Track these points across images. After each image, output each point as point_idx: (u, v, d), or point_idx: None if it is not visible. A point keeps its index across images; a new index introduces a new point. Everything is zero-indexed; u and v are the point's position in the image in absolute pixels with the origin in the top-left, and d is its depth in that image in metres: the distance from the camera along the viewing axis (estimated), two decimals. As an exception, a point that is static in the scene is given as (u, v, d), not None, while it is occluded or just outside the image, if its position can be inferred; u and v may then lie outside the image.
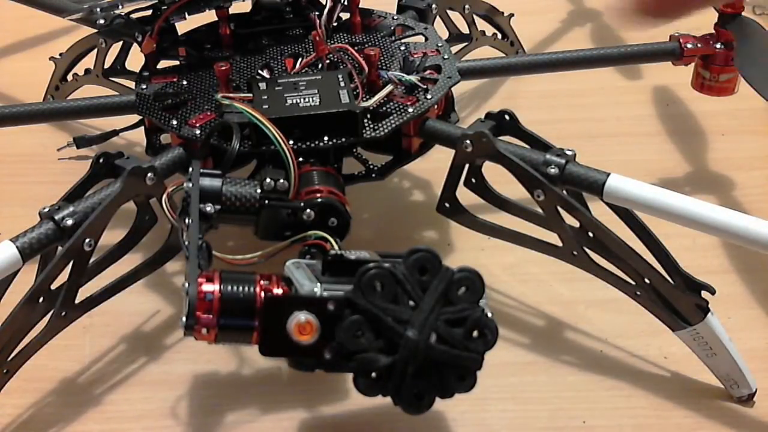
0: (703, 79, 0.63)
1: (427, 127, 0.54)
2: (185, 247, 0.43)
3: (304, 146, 0.50)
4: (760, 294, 0.58)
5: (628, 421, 0.51)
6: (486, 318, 0.38)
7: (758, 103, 0.57)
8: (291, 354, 0.39)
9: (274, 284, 0.40)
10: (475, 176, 0.51)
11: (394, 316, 0.37)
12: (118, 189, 0.47)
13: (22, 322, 0.46)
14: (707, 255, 0.60)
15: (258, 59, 0.58)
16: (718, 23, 0.62)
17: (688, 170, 0.68)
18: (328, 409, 0.51)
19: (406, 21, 0.63)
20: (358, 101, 0.52)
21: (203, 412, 0.51)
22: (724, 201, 0.65)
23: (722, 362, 0.50)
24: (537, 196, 0.49)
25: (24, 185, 0.67)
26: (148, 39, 0.59)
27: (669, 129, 0.72)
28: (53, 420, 0.51)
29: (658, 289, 0.49)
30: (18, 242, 0.45)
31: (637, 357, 0.54)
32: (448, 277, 0.38)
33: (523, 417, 0.51)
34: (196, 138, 0.52)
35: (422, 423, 0.49)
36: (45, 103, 0.66)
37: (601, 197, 0.48)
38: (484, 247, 0.59)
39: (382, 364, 0.37)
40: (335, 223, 0.47)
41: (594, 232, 0.49)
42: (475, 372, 0.38)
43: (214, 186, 0.46)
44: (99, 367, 0.54)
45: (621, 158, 0.68)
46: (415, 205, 0.65)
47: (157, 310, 0.57)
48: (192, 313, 0.38)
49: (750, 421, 0.50)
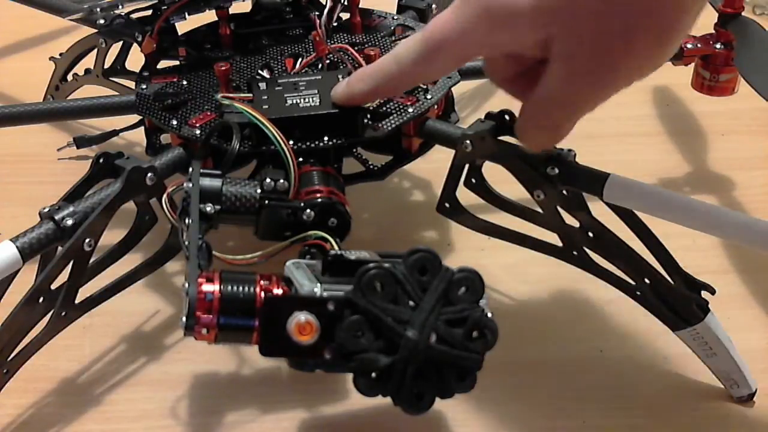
0: (703, 79, 0.63)
1: (427, 127, 0.54)
2: (185, 247, 0.43)
3: (304, 146, 0.50)
4: (760, 294, 0.58)
5: (627, 421, 0.51)
6: (486, 318, 0.38)
7: (758, 103, 0.57)
8: (291, 354, 0.39)
9: (274, 284, 0.40)
10: (475, 176, 0.51)
11: (394, 317, 0.37)
12: (118, 189, 0.47)
13: (22, 322, 0.46)
14: (707, 255, 0.60)
15: (258, 59, 0.58)
16: (718, 23, 0.62)
17: (688, 170, 0.68)
18: (328, 409, 0.51)
19: (406, 21, 0.63)
20: (358, 101, 0.52)
21: (203, 412, 0.51)
22: (724, 201, 0.65)
23: (722, 362, 0.50)
24: (537, 196, 0.49)
25: (24, 185, 0.67)
26: (148, 39, 0.59)
27: (669, 129, 0.72)
28: (53, 420, 0.51)
29: (658, 289, 0.49)
30: (18, 242, 0.45)
31: (637, 357, 0.54)
32: (448, 277, 0.38)
33: (523, 417, 0.51)
34: (196, 138, 0.52)
35: (422, 423, 0.49)
36: (45, 103, 0.66)
37: (601, 197, 0.48)
38: (484, 247, 0.59)
39: (382, 364, 0.37)
40: (335, 223, 0.47)
41: (594, 232, 0.49)
42: (475, 372, 0.38)
43: (214, 186, 0.46)
44: (99, 367, 0.54)
45: (621, 158, 0.68)
46: (415, 205, 0.65)
47: (157, 310, 0.57)
48: (192, 313, 0.38)
49: (750, 421, 0.50)
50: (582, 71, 0.40)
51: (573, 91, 0.40)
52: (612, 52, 0.38)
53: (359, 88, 0.48)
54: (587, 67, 0.39)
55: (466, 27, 0.41)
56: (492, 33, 0.40)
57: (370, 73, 0.47)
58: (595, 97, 0.41)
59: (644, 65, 0.40)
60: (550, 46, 0.39)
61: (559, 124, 0.42)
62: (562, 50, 0.39)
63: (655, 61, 0.40)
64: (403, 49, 0.44)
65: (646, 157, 0.69)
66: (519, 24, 0.39)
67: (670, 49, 0.39)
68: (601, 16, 0.37)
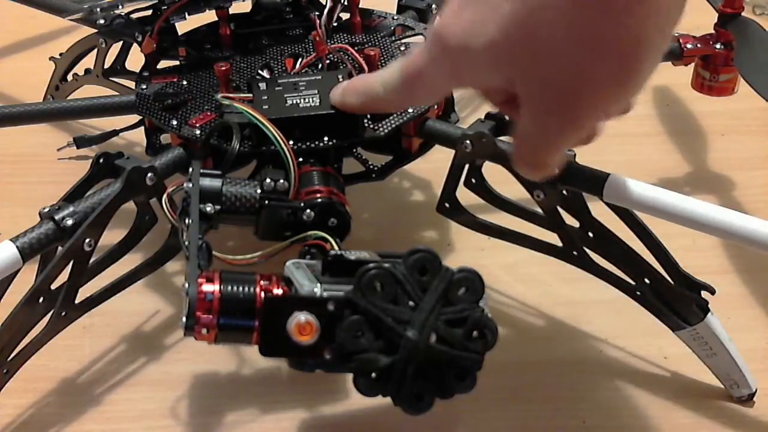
0: (703, 79, 0.63)
1: (427, 128, 0.54)
2: (185, 247, 0.43)
3: (304, 146, 0.50)
4: (760, 294, 0.58)
5: (628, 421, 0.51)
6: (486, 318, 0.38)
7: (758, 103, 0.57)
8: (291, 354, 0.39)
9: (274, 284, 0.40)
10: (475, 176, 0.51)
11: (394, 317, 0.37)
12: (118, 189, 0.47)
13: (22, 322, 0.46)
14: (707, 255, 0.60)
15: (258, 59, 0.58)
16: (718, 23, 0.62)
17: (688, 170, 0.68)
18: (328, 409, 0.51)
19: (406, 21, 0.63)
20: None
21: (203, 412, 0.51)
22: (724, 201, 0.65)
23: (722, 362, 0.50)
24: (537, 196, 0.49)
25: (24, 185, 0.67)
26: (148, 39, 0.59)
27: (669, 129, 0.72)
28: (53, 420, 0.51)
29: (658, 289, 0.49)
30: (18, 242, 0.45)
31: (637, 357, 0.54)
32: (448, 277, 0.38)
33: (523, 417, 0.51)
34: (196, 138, 0.52)
35: (422, 423, 0.49)
36: (45, 103, 0.66)
37: (601, 197, 0.48)
38: (484, 247, 0.59)
39: (382, 365, 0.37)
40: (335, 223, 0.47)
41: (594, 232, 0.49)
42: (475, 372, 0.38)
43: (214, 186, 0.46)
44: (99, 367, 0.54)
45: (621, 158, 0.67)
46: (415, 205, 0.65)
47: (157, 310, 0.57)
48: (192, 313, 0.38)
49: (750, 421, 0.50)
50: (547, 112, 0.39)
51: (542, 130, 0.40)
52: (573, 94, 0.37)
53: (351, 100, 0.48)
54: (551, 108, 0.38)
55: (435, 64, 0.41)
56: (456, 72, 0.40)
57: (362, 88, 0.47)
58: (567, 135, 0.40)
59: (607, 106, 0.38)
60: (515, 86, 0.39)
61: (541, 161, 0.42)
62: (525, 93, 0.39)
63: (619, 99, 0.38)
64: (387, 75, 0.44)
65: (646, 157, 0.69)
66: (477, 65, 0.39)
67: (632, 89, 0.38)
68: (559, 58, 0.36)
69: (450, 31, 0.39)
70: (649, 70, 0.37)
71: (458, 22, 0.38)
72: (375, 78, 0.45)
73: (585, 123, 0.39)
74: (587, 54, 0.36)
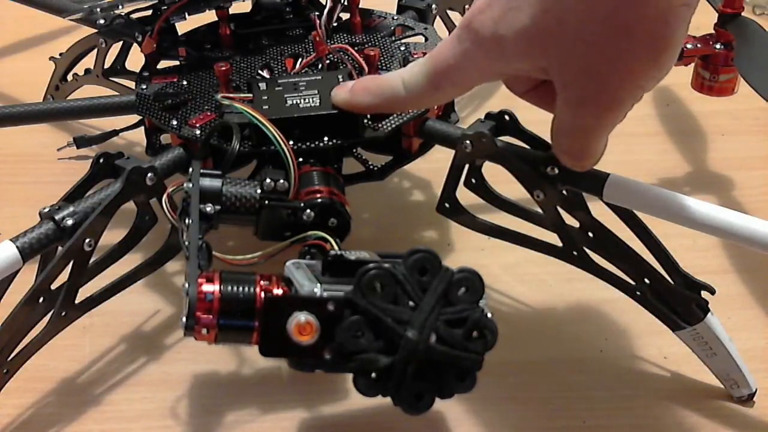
0: (703, 79, 0.63)
1: (427, 128, 0.54)
2: (185, 247, 0.43)
3: (304, 146, 0.50)
4: (760, 294, 0.58)
5: (628, 421, 0.51)
6: (486, 318, 0.38)
7: (758, 103, 0.57)
8: (291, 354, 0.39)
9: (274, 284, 0.40)
10: (475, 176, 0.51)
11: (394, 317, 0.37)
12: (118, 189, 0.47)
13: (22, 322, 0.46)
14: (707, 255, 0.60)
15: (258, 59, 0.58)
16: (717, 23, 0.62)
17: (688, 170, 0.68)
18: (328, 409, 0.51)
19: (406, 21, 0.63)
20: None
21: (203, 412, 0.51)
22: (724, 201, 0.65)
23: (722, 362, 0.50)
24: (537, 196, 0.49)
25: (24, 185, 0.67)
26: (148, 39, 0.59)
27: (669, 129, 0.72)
28: (53, 420, 0.51)
29: (658, 289, 0.49)
30: (18, 242, 0.45)
31: (637, 357, 0.54)
32: (448, 277, 0.38)
33: (523, 417, 0.51)
34: (196, 138, 0.52)
35: (422, 423, 0.49)
36: (45, 103, 0.66)
37: (601, 197, 0.48)
38: (484, 247, 0.59)
39: (382, 365, 0.37)
40: (335, 223, 0.47)
41: (594, 232, 0.49)
42: (475, 372, 0.38)
43: (214, 186, 0.46)
44: (99, 367, 0.54)
45: (621, 158, 0.67)
46: (415, 205, 0.65)
47: (157, 310, 0.57)
48: (192, 314, 0.38)
49: (750, 421, 0.50)
50: (581, 99, 0.39)
51: (579, 118, 0.40)
52: (608, 78, 0.37)
53: (363, 100, 0.48)
54: (585, 94, 0.38)
55: (466, 56, 0.41)
56: (489, 62, 0.40)
57: (376, 89, 0.47)
58: (606, 120, 0.40)
59: (645, 84, 0.39)
60: (548, 74, 0.39)
61: (585, 150, 0.42)
62: (559, 80, 0.39)
63: (655, 75, 0.38)
64: (408, 75, 0.44)
65: (646, 157, 0.69)
66: (509, 54, 0.39)
67: (667, 63, 0.38)
68: (589, 44, 0.36)
69: (482, 21, 0.39)
70: (680, 41, 0.37)
71: (490, 12, 0.39)
72: (393, 78, 0.45)
73: (623, 105, 0.39)
74: (616, 37, 0.36)
